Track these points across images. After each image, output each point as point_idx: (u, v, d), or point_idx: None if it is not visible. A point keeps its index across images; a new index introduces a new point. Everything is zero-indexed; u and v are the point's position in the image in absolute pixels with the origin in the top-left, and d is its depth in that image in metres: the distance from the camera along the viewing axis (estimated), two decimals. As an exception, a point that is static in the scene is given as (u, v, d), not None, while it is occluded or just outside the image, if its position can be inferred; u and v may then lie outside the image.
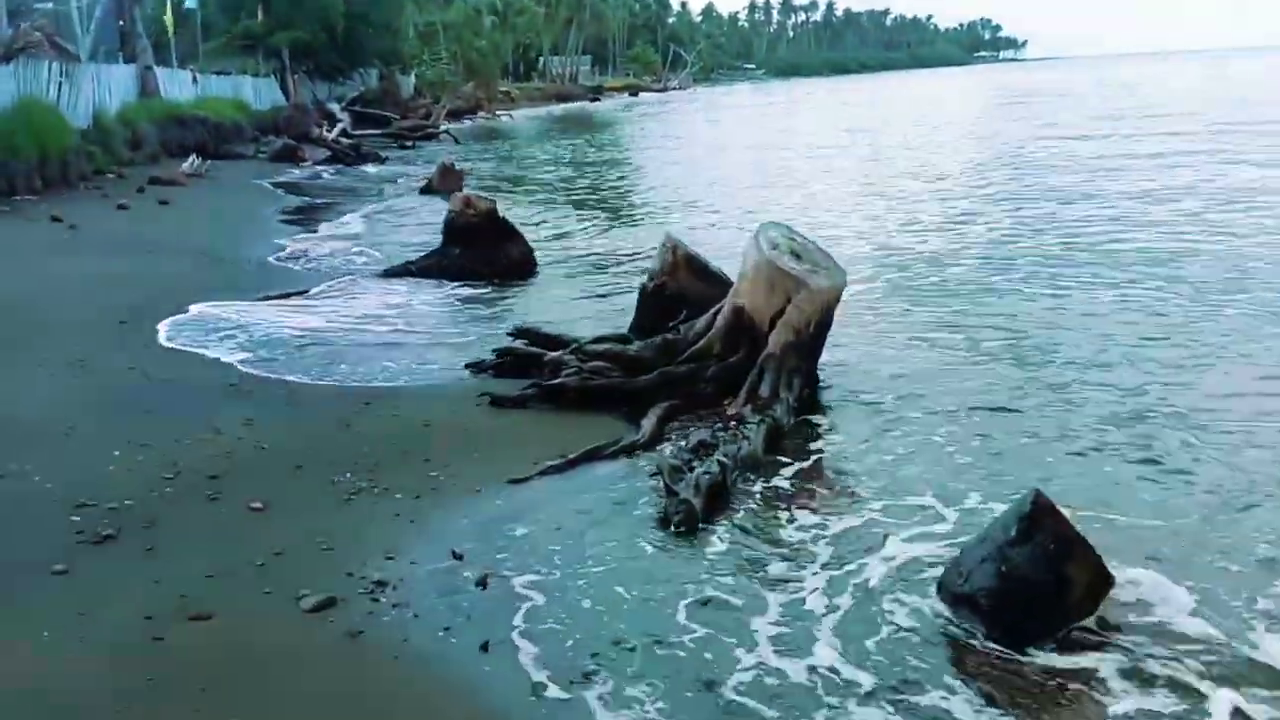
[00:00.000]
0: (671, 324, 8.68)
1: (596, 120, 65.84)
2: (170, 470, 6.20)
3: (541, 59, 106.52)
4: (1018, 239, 15.08)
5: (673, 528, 5.66)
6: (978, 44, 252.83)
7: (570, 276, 14.15)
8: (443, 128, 47.90)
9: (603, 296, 12.70)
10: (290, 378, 8.63)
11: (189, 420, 7.14)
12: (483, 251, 14.19)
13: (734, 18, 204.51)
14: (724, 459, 6.37)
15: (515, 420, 7.52)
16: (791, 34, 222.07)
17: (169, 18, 39.70)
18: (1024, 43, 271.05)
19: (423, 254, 14.85)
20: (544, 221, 19.55)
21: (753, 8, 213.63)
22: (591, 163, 35.11)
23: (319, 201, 23.64)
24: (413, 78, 66.22)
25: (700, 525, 5.69)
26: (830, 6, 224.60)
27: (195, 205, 20.47)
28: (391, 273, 14.32)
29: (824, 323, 7.91)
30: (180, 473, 6.18)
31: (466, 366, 8.93)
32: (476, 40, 66.88)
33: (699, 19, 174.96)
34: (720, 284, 8.89)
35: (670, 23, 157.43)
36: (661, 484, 6.15)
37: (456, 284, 13.57)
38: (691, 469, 6.23)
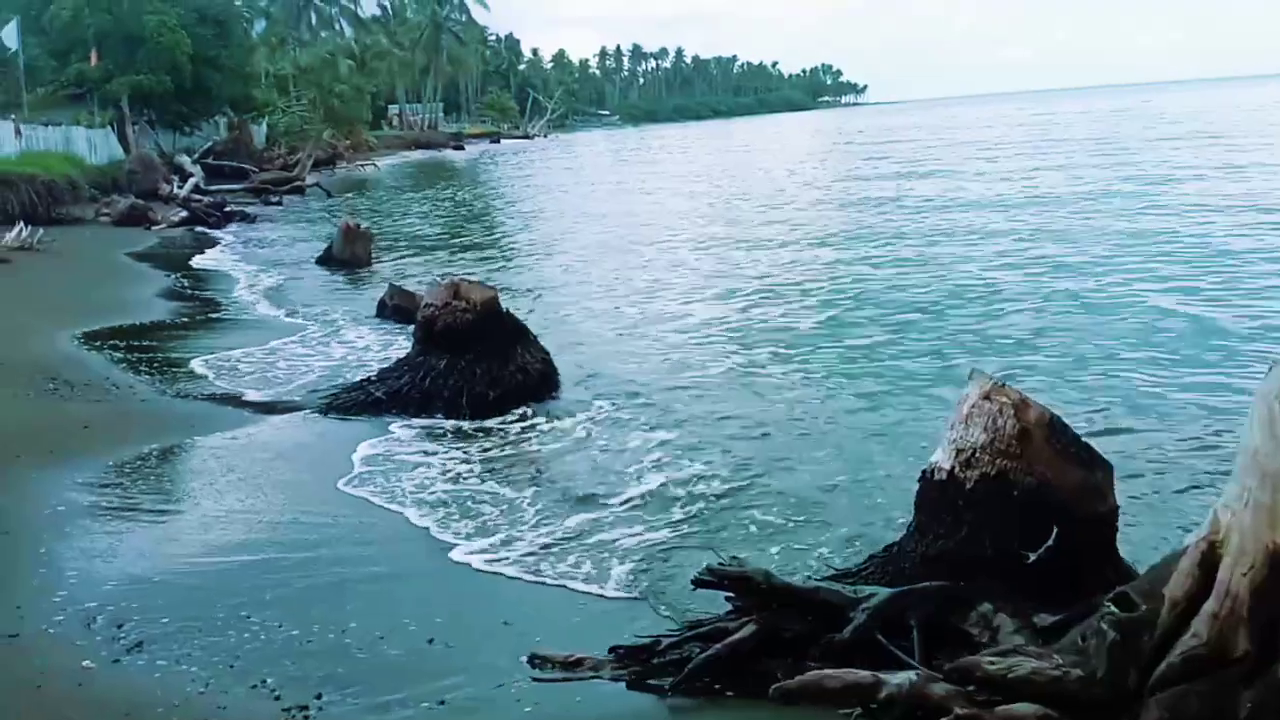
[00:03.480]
0: (1030, 555, 4.55)
1: (467, 169, 61.04)
2: None
3: (393, 106, 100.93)
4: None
5: None
6: (820, 89, 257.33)
7: (603, 398, 9.62)
8: (310, 180, 42.52)
9: (693, 427, 8.48)
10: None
11: None
12: (483, 363, 9.72)
13: (585, 64, 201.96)
14: None
15: None
16: (643, 81, 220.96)
17: (-17, 61, 33.56)
18: (864, 87, 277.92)
19: (382, 367, 10.31)
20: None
21: (604, 55, 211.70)
22: (492, 213, 30.67)
23: (198, 282, 18.43)
24: (264, 126, 60.14)
25: None
26: (680, 54, 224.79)
27: (32, 292, 15.05)
28: (341, 404, 9.58)
29: None
30: None
31: (631, 686, 4.47)
32: (337, 84, 61.17)
33: (549, 65, 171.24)
34: (1105, 471, 4.77)
35: (521, 69, 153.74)
36: None
37: (449, 421, 9.01)
38: None
